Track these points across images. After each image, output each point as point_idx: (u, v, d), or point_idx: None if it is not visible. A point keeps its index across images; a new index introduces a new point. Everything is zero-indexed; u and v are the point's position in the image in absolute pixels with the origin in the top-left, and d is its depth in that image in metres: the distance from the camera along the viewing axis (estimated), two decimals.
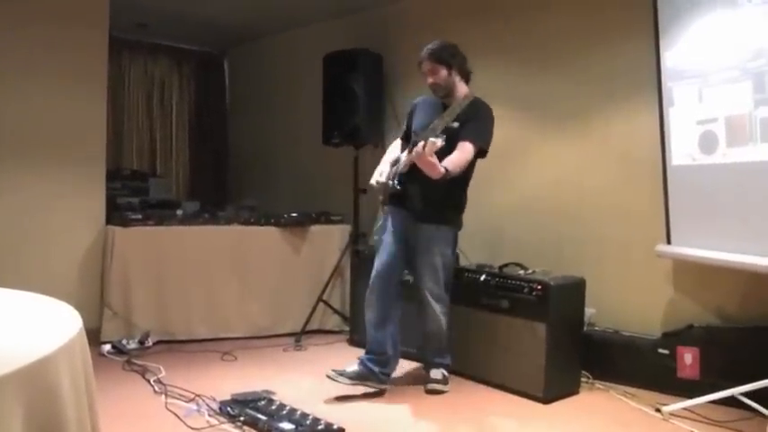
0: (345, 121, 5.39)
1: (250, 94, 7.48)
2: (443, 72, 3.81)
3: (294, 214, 5.21)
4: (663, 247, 3.84)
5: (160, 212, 5.03)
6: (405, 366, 4.23)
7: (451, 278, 3.96)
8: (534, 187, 4.75)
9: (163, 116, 7.67)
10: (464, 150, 3.66)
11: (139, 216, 4.84)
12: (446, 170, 3.50)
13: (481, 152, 3.80)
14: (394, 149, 4.12)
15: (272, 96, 7.11)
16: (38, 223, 4.68)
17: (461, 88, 3.85)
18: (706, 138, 3.50)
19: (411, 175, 3.68)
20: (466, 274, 4.17)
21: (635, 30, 4.13)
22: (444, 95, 3.86)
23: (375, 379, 3.74)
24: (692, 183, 3.66)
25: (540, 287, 3.73)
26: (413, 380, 4.07)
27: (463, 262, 4.64)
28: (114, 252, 4.65)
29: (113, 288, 4.64)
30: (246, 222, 5.15)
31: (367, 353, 3.81)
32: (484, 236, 4.98)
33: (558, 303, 3.74)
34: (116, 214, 4.94)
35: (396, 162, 3.90)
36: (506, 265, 4.17)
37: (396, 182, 3.77)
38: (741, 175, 3.30)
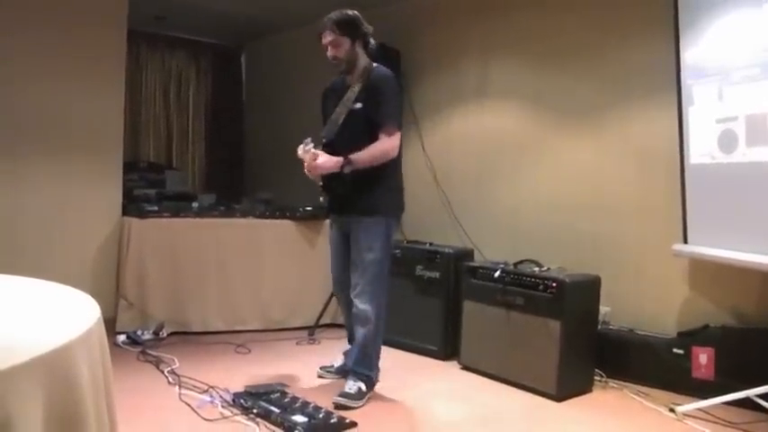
0: None
1: (266, 88, 7.50)
2: (347, 44, 3.50)
3: (309, 208, 5.21)
4: (679, 247, 3.82)
5: (176, 204, 5.05)
6: (412, 359, 4.23)
7: (386, 271, 3.59)
8: (550, 184, 4.73)
9: (180, 109, 7.71)
10: (383, 143, 3.42)
11: (156, 208, 4.87)
12: (348, 160, 3.37)
13: (400, 129, 3.54)
14: None
15: (289, 90, 7.12)
16: (55, 213, 4.73)
17: (363, 60, 3.58)
18: (726, 136, 3.47)
19: (328, 176, 3.50)
20: (481, 270, 4.16)
21: (654, 27, 4.10)
22: (347, 71, 3.60)
23: None
24: (711, 182, 3.63)
25: (555, 284, 3.72)
26: (419, 373, 4.07)
27: (478, 258, 4.65)
28: (130, 243, 4.68)
29: (129, 279, 4.66)
30: (262, 215, 5.17)
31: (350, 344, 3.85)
32: (499, 232, 4.98)
33: (573, 301, 3.72)
34: (132, 206, 4.98)
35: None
36: (521, 262, 4.16)
37: (321, 189, 3.64)
38: (761, 174, 3.27)
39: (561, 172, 4.68)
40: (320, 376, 3.83)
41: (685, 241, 3.80)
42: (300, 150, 3.50)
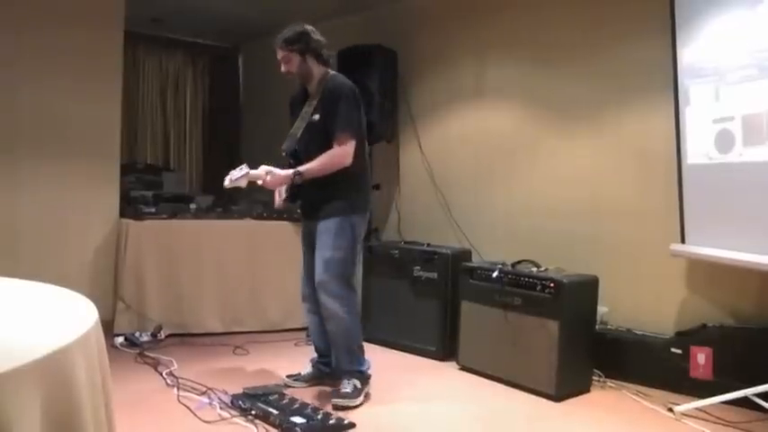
0: None
1: (264, 89, 7.50)
2: (296, 58, 3.63)
3: None
4: (677, 246, 3.83)
5: (174, 206, 5.05)
6: (409, 360, 4.23)
7: (352, 273, 3.65)
8: (548, 185, 4.73)
9: (177, 111, 7.71)
10: (332, 153, 3.49)
11: (153, 209, 4.87)
12: (298, 172, 3.49)
13: (355, 137, 3.56)
14: None
15: (286, 92, 7.06)
16: (53, 215, 4.72)
17: (317, 71, 3.67)
18: (722, 136, 3.47)
19: (290, 187, 3.64)
20: (478, 270, 4.16)
21: (650, 27, 4.10)
22: (304, 83, 3.74)
23: (328, 378, 3.80)
24: (708, 182, 3.63)
25: (553, 285, 3.72)
26: (417, 374, 4.08)
27: (476, 259, 4.65)
28: (128, 245, 4.67)
29: (126, 281, 4.66)
30: (259, 217, 5.17)
31: (318, 356, 3.89)
32: (497, 233, 4.98)
33: (571, 301, 3.73)
34: (130, 207, 4.98)
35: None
36: (519, 263, 4.16)
37: (286, 196, 3.73)
38: (757, 174, 3.27)
39: (558, 172, 4.68)
40: (287, 386, 3.70)
41: (683, 241, 3.81)
42: (235, 175, 3.59)
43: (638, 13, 4.22)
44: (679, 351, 3.81)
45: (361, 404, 3.45)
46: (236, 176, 3.57)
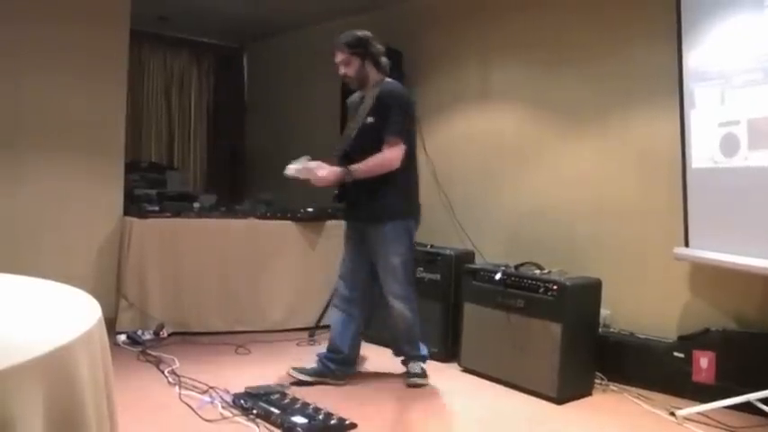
0: None
1: (268, 89, 7.51)
2: (356, 63, 3.75)
3: (310, 209, 5.21)
4: (681, 250, 3.82)
5: (177, 205, 5.05)
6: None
7: (412, 271, 3.92)
8: (552, 187, 4.73)
9: (181, 109, 7.72)
10: (383, 154, 3.63)
11: (157, 208, 4.87)
12: (348, 171, 3.60)
13: (406, 142, 3.72)
14: None
15: (291, 92, 7.13)
16: (57, 213, 4.72)
17: (374, 76, 3.81)
18: (727, 140, 3.47)
19: (341, 185, 3.75)
20: (481, 272, 4.16)
21: (656, 30, 4.10)
22: (359, 87, 3.87)
23: (332, 376, 3.83)
24: (712, 186, 3.63)
25: (555, 287, 3.71)
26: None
27: (479, 260, 4.65)
28: (131, 243, 4.67)
29: (129, 279, 4.66)
30: (263, 216, 5.17)
31: (326, 350, 3.91)
32: (500, 235, 4.98)
33: (574, 304, 3.72)
34: (134, 206, 4.98)
35: None
36: (522, 265, 4.16)
37: (336, 194, 3.83)
38: (763, 178, 3.27)
39: (563, 174, 4.68)
40: (294, 377, 3.77)
41: (686, 245, 3.80)
42: (300, 165, 3.66)
43: (644, 16, 4.22)
44: (682, 355, 3.80)
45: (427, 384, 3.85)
46: (294, 168, 3.69)
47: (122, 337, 4.45)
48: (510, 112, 5.04)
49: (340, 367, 3.85)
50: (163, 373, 3.83)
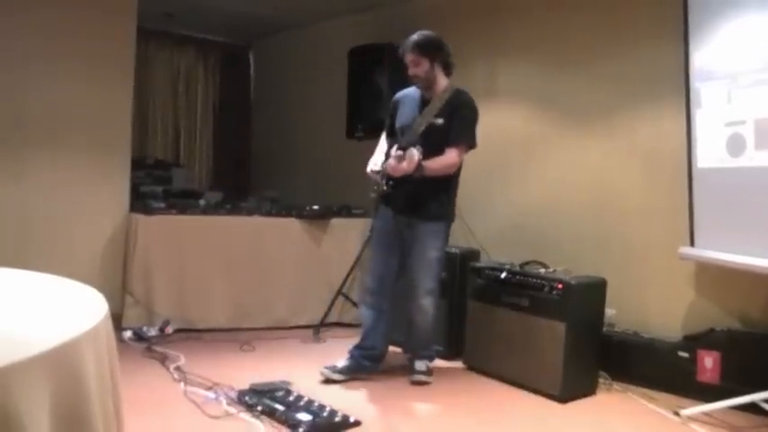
0: (369, 115, 5.39)
1: (274, 86, 7.51)
2: (426, 64, 3.80)
3: (315, 207, 5.22)
4: (686, 250, 3.81)
5: (183, 202, 5.06)
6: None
7: (441, 269, 3.97)
8: (557, 186, 4.72)
9: (187, 107, 7.72)
10: (450, 157, 3.77)
11: (162, 205, 4.88)
12: (420, 166, 3.62)
13: (467, 151, 3.89)
14: (383, 143, 4.13)
15: (296, 89, 7.13)
16: (63, 209, 4.74)
17: (442, 81, 3.87)
18: (734, 140, 3.46)
19: (398, 177, 3.75)
20: (486, 270, 4.16)
21: (662, 29, 4.09)
22: (425, 88, 3.89)
23: (364, 372, 3.87)
24: (718, 185, 3.62)
25: (560, 286, 3.71)
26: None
27: (484, 259, 4.65)
28: (137, 240, 4.69)
29: (135, 275, 4.68)
30: (268, 214, 5.17)
31: (358, 347, 3.92)
32: (506, 233, 4.97)
33: (579, 303, 3.72)
34: (139, 203, 4.99)
35: (387, 157, 3.89)
36: (527, 263, 4.16)
37: (384, 183, 3.82)
38: None
39: (568, 174, 4.67)
40: (326, 377, 3.79)
41: (692, 244, 3.79)
42: (415, 154, 3.63)
43: (651, 16, 4.21)
44: (686, 355, 3.79)
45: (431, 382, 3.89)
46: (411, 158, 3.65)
47: (128, 334, 4.47)
48: (516, 111, 5.03)
49: (374, 364, 3.91)
50: (168, 369, 3.84)
